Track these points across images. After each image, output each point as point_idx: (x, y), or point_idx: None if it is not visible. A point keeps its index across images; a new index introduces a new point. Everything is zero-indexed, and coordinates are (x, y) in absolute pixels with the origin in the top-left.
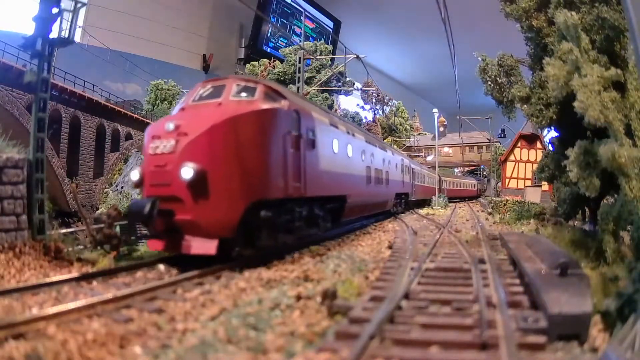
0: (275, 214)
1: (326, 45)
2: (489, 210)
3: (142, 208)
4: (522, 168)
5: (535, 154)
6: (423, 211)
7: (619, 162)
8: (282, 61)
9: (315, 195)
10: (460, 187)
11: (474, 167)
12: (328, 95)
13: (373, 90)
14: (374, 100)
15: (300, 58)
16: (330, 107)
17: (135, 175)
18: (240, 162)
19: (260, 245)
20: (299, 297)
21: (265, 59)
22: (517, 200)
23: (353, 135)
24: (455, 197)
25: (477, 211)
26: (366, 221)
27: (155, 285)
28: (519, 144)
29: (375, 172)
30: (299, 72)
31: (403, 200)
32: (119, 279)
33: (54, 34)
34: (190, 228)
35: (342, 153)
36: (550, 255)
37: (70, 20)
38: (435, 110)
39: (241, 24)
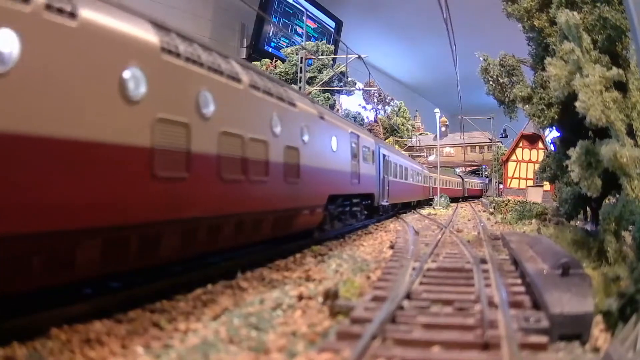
0: None
1: (328, 45)
2: (491, 210)
3: None
4: (523, 168)
5: (537, 154)
6: (424, 211)
7: (620, 162)
8: (283, 61)
9: None
10: (446, 185)
11: (475, 167)
12: (330, 95)
13: (375, 90)
14: (375, 100)
15: (302, 58)
16: (332, 106)
17: None
18: None
19: None
20: (300, 297)
21: (267, 59)
22: (519, 200)
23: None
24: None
25: (479, 211)
26: (368, 221)
27: None
28: (521, 144)
29: (230, 143)
30: (301, 72)
31: (359, 208)
32: None
33: None
34: None
35: None
36: (551, 255)
37: None
38: (437, 110)
39: (243, 23)
